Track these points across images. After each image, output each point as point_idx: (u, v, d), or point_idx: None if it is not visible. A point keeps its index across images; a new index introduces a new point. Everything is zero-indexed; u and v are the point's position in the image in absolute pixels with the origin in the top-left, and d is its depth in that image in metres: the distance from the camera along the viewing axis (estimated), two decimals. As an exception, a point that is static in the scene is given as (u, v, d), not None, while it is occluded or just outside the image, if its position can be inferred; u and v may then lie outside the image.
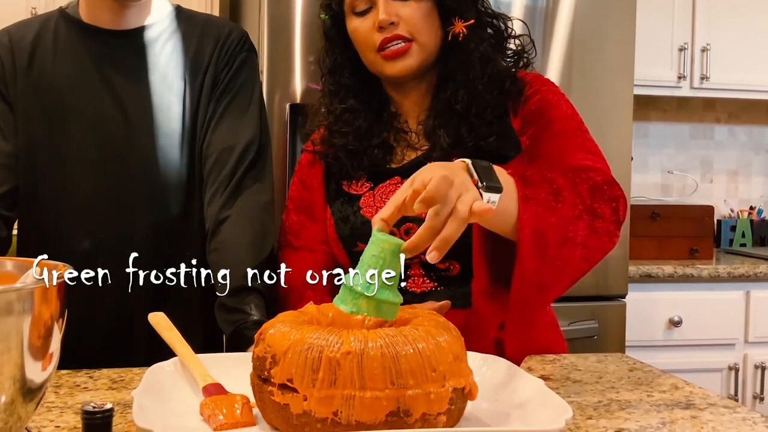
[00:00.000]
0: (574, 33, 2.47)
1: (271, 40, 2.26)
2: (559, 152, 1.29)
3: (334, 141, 1.41)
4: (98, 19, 1.49)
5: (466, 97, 1.33)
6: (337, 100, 1.41)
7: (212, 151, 1.48)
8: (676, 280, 2.87)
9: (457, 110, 1.34)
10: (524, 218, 1.11)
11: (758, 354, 2.96)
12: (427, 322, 0.92)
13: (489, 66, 1.35)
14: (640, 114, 3.32)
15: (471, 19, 1.34)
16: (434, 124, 1.36)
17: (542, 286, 1.16)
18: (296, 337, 0.86)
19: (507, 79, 1.36)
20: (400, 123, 1.41)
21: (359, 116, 1.40)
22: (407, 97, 1.41)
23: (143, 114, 1.47)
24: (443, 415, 0.86)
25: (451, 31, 1.34)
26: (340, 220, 1.39)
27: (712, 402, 1.08)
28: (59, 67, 1.48)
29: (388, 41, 1.32)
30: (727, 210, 3.57)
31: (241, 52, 1.53)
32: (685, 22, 3.11)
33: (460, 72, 1.35)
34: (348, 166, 1.41)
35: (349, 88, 1.41)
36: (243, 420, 0.91)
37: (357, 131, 1.39)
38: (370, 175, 1.40)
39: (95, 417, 0.89)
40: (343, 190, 1.42)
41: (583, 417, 1.01)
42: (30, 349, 0.73)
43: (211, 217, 1.45)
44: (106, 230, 1.47)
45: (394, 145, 1.41)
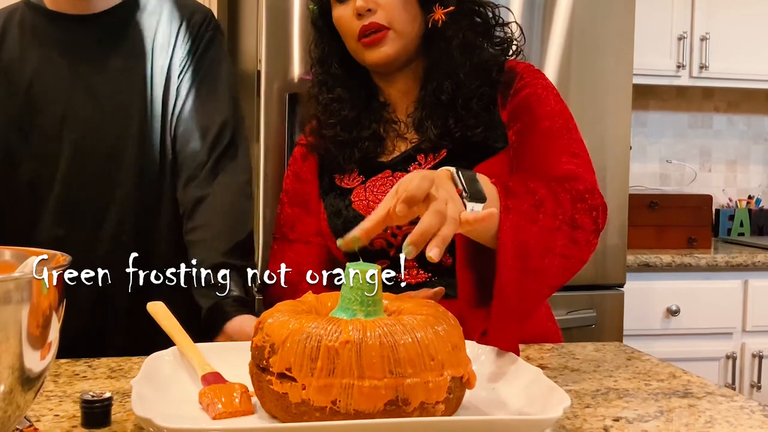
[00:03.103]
0: (573, 22, 2.47)
1: (270, 29, 2.25)
2: (544, 153, 1.29)
3: (324, 132, 1.42)
4: (62, 5, 1.48)
5: (450, 87, 1.33)
6: (326, 90, 1.42)
7: (186, 133, 1.48)
8: (674, 269, 2.87)
9: (443, 101, 1.34)
10: (505, 228, 1.08)
11: (756, 343, 2.96)
12: (426, 311, 0.92)
13: (472, 54, 1.34)
14: (638, 103, 3.32)
15: (451, 6, 1.33)
16: (422, 115, 1.36)
17: (523, 295, 1.12)
18: (295, 327, 0.86)
19: (493, 68, 1.36)
20: (388, 113, 1.41)
21: (346, 106, 1.40)
22: (394, 87, 1.41)
23: (111, 99, 1.46)
24: (441, 403, 0.86)
25: (430, 18, 1.34)
26: (332, 213, 1.39)
27: (709, 391, 1.09)
28: (27, 55, 1.47)
29: (366, 29, 1.32)
30: (725, 199, 3.57)
31: (207, 32, 1.52)
32: (684, 11, 3.10)
33: (442, 61, 1.34)
34: (339, 158, 1.41)
35: (337, 77, 1.41)
36: (242, 409, 0.91)
37: (344, 121, 1.39)
38: (362, 168, 1.40)
39: (94, 406, 0.89)
40: (335, 184, 1.42)
41: (580, 405, 1.01)
42: (29, 338, 0.73)
43: (189, 199, 1.45)
44: (78, 217, 1.46)
45: (384, 137, 1.41)
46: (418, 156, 1.36)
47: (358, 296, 0.90)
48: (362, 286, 0.90)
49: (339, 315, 0.91)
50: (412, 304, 0.95)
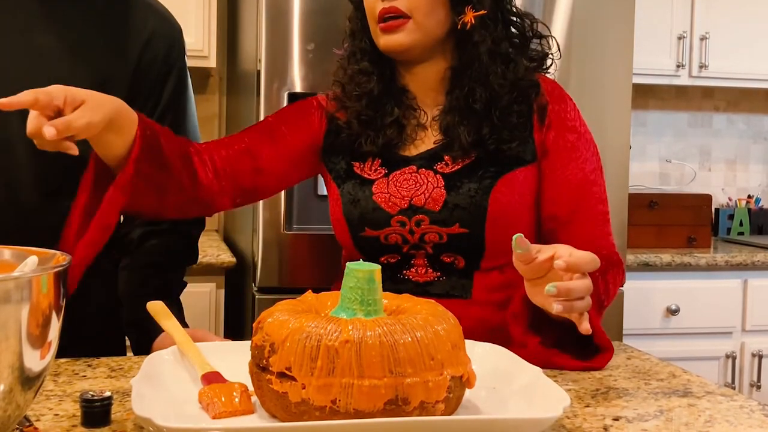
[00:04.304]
0: (572, 21, 2.47)
1: (269, 28, 2.25)
2: (584, 209, 1.36)
3: (348, 104, 1.40)
4: None
5: (484, 96, 1.33)
6: (354, 61, 1.41)
7: None
8: (673, 269, 2.88)
9: (475, 109, 1.33)
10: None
11: (755, 342, 2.96)
12: (426, 310, 0.92)
13: (506, 67, 1.34)
14: (638, 102, 3.32)
15: (483, 10, 1.32)
16: (455, 120, 1.35)
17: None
18: (295, 326, 0.86)
19: (531, 89, 1.36)
20: (408, 99, 1.40)
21: (372, 79, 1.38)
22: (414, 78, 1.40)
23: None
24: (441, 403, 0.86)
25: (461, 19, 1.33)
26: (349, 201, 1.38)
27: (709, 390, 1.09)
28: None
29: (386, 12, 1.32)
30: (725, 198, 3.57)
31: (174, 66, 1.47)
32: (684, 10, 3.10)
33: (472, 66, 1.34)
34: (361, 140, 1.39)
35: (366, 51, 1.40)
36: (241, 408, 0.91)
37: (369, 96, 1.38)
38: (384, 159, 1.38)
39: (94, 405, 0.89)
40: (354, 172, 1.40)
41: (580, 405, 1.01)
42: (28, 337, 0.73)
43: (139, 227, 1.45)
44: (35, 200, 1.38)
45: (405, 123, 1.39)
46: (445, 156, 1.35)
47: (358, 296, 0.90)
48: (362, 286, 0.90)
49: (339, 314, 0.91)
50: (412, 303, 0.95)
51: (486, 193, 1.32)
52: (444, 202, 1.32)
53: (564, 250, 1.09)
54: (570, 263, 1.06)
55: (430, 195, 1.33)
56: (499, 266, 1.35)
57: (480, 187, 1.32)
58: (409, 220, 1.33)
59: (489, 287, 1.35)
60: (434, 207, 1.32)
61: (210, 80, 3.14)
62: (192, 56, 2.75)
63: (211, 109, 3.12)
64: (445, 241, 1.33)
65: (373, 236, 1.35)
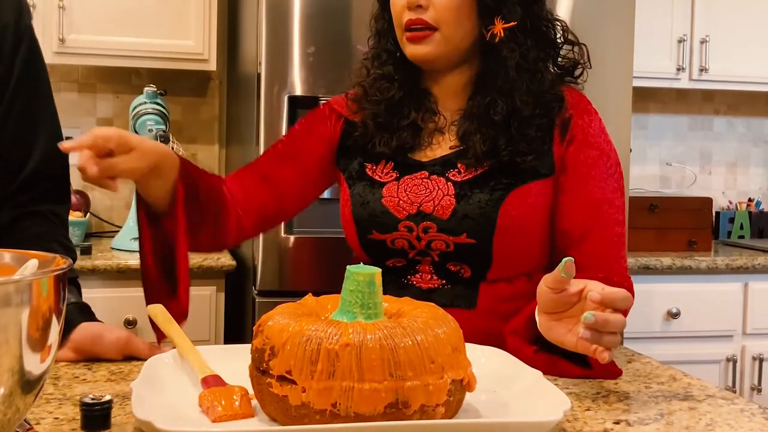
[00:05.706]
0: (572, 24, 2.44)
1: (270, 31, 2.25)
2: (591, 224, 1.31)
3: (365, 107, 1.40)
4: None
5: (504, 108, 1.31)
6: (378, 64, 1.41)
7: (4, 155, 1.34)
8: (674, 272, 2.87)
9: (494, 120, 1.32)
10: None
11: (756, 345, 2.96)
12: (426, 313, 0.92)
13: (533, 80, 1.32)
14: (638, 106, 3.32)
15: (513, 22, 1.30)
16: (472, 128, 1.33)
17: None
18: (295, 329, 0.86)
19: (554, 102, 1.34)
20: (430, 102, 1.39)
21: (393, 86, 1.38)
22: (439, 84, 1.39)
23: None
24: (442, 406, 0.86)
25: (490, 31, 1.31)
26: (359, 203, 1.37)
27: (710, 393, 1.09)
28: None
29: (413, 23, 1.31)
30: (725, 202, 3.57)
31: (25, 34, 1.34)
32: (684, 13, 3.11)
33: (498, 76, 1.32)
34: (375, 137, 1.38)
35: (391, 53, 1.40)
36: (242, 412, 0.91)
37: (389, 101, 1.38)
38: (397, 163, 1.38)
39: (94, 409, 0.89)
40: (366, 173, 1.40)
41: (581, 408, 1.01)
42: (28, 341, 0.73)
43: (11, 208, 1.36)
44: None
45: (422, 127, 1.38)
46: (459, 163, 1.34)
47: (359, 299, 0.90)
48: (362, 289, 0.90)
49: (339, 318, 0.90)
50: (413, 306, 0.95)
51: (496, 205, 1.30)
52: (453, 210, 1.31)
53: (596, 285, 1.05)
54: (605, 296, 1.01)
55: (439, 203, 1.32)
56: (507, 278, 1.33)
57: (491, 199, 1.30)
58: (416, 226, 1.32)
59: (495, 298, 1.33)
60: (443, 215, 1.31)
61: (210, 83, 3.13)
62: (192, 59, 2.80)
63: (211, 113, 3.12)
64: (452, 249, 1.32)
65: (380, 239, 1.35)
